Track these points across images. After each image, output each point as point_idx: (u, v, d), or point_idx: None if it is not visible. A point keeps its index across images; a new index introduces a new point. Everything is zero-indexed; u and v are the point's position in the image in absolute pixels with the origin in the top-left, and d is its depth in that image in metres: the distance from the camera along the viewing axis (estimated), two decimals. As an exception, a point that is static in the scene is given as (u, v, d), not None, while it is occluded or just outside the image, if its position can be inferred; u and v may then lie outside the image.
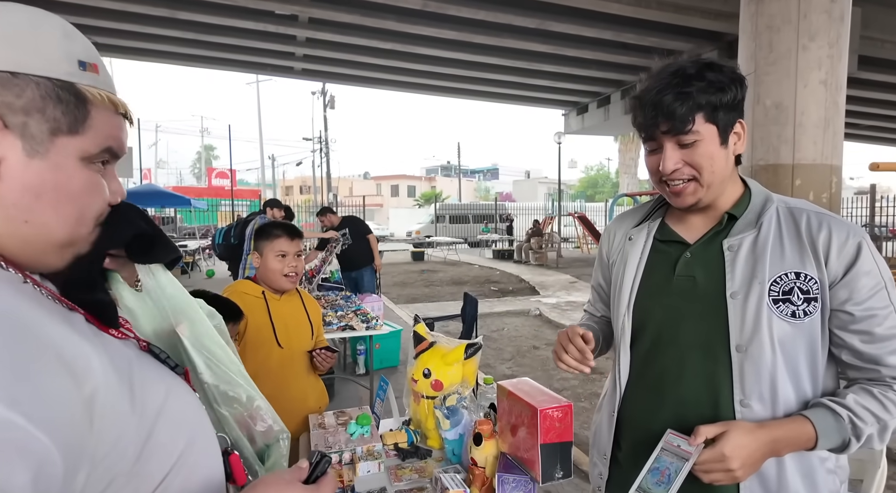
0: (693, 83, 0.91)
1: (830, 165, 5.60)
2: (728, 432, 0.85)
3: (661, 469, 0.88)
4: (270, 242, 1.86)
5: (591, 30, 8.85)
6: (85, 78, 0.52)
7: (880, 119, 14.58)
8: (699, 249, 1.02)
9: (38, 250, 0.52)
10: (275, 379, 1.79)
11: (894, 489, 2.78)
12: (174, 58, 11.30)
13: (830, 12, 5.40)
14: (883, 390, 0.90)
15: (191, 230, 18.15)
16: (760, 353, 0.92)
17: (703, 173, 0.95)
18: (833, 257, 0.91)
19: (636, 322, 1.06)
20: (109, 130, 0.55)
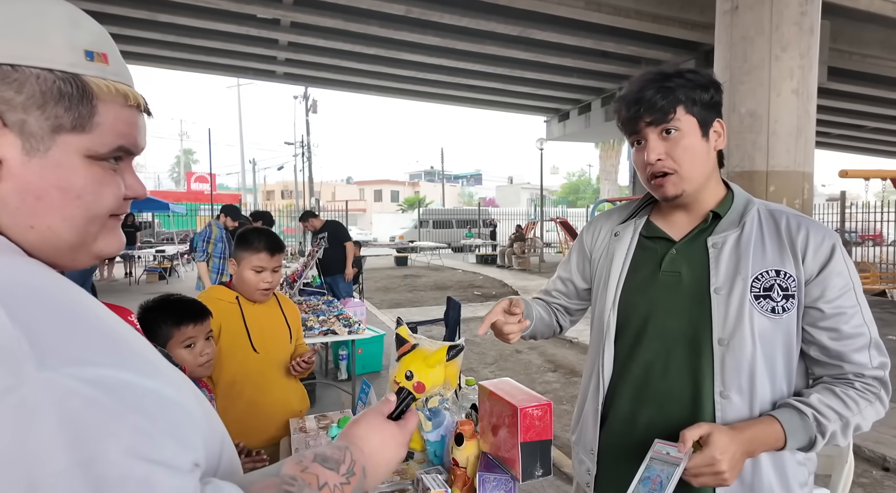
0: (673, 80, 0.98)
1: (803, 172, 5.78)
2: (712, 435, 0.87)
3: (651, 478, 0.89)
4: (249, 255, 1.78)
5: (572, 38, 8.99)
6: (91, 69, 0.48)
7: (850, 128, 15.09)
8: (684, 246, 1.05)
9: (49, 254, 0.49)
10: (254, 385, 1.77)
11: (864, 486, 2.87)
12: (153, 61, 11.14)
13: (801, 24, 5.58)
14: (844, 389, 0.94)
15: (169, 235, 17.82)
16: (741, 346, 0.96)
17: (683, 165, 0.98)
18: (809, 256, 0.96)
19: (621, 317, 1.08)
20: (120, 126, 0.50)
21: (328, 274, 5.89)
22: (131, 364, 0.44)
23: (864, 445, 3.15)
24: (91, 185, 0.49)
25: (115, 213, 0.53)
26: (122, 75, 0.51)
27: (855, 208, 12.28)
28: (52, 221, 0.48)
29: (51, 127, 0.46)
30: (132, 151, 0.53)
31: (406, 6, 7.93)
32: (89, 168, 0.49)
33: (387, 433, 0.66)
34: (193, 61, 11.03)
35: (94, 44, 0.49)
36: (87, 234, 0.51)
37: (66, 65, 0.46)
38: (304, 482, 0.53)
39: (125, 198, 0.53)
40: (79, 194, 0.48)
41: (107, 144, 0.49)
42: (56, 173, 0.47)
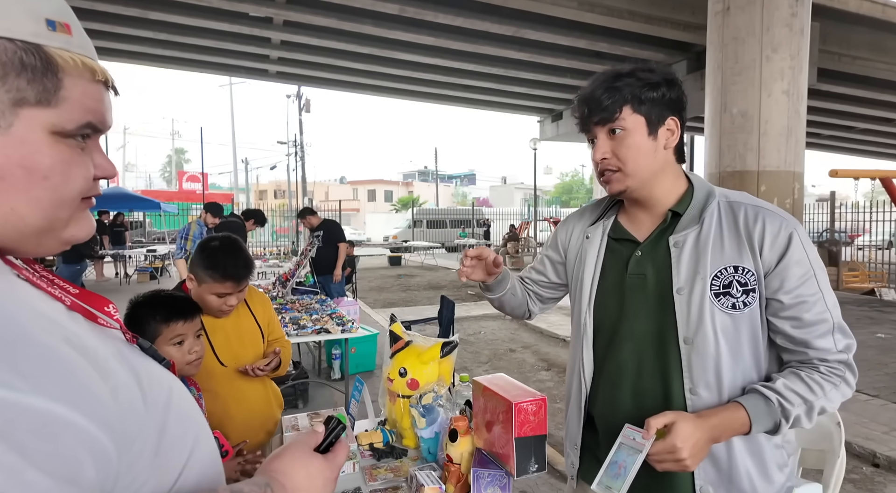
0: (622, 79, 0.99)
1: (793, 172, 5.83)
2: (676, 424, 0.89)
3: (618, 463, 0.92)
4: (212, 281, 1.57)
5: (566, 38, 9.03)
6: (55, 40, 0.44)
7: (839, 129, 15.25)
8: (648, 247, 1.07)
9: (12, 239, 0.45)
10: (225, 398, 1.62)
11: (854, 482, 2.89)
12: (145, 59, 11.05)
13: (791, 26, 5.63)
14: (809, 373, 0.96)
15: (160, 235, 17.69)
16: (705, 344, 0.98)
17: (627, 164, 1.01)
18: (766, 248, 0.97)
19: (596, 319, 1.12)
20: (88, 101, 0.46)
21: (320, 273, 5.85)
22: (17, 379, 0.37)
23: (854, 441, 3.18)
24: (59, 164, 0.45)
25: (86, 195, 0.50)
26: (86, 48, 0.48)
27: (844, 208, 12.41)
28: (16, 203, 0.44)
29: (12, 100, 0.42)
30: (100, 128, 0.49)
31: (400, 5, 7.92)
32: (56, 146, 0.45)
33: (313, 468, 0.59)
34: (185, 60, 10.96)
35: (56, 13, 0.45)
36: (55, 219, 0.47)
37: (27, 34, 0.42)
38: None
39: (95, 178, 0.50)
40: (46, 175, 0.44)
41: (74, 120, 0.45)
42: (19, 151, 0.43)
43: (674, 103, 1.01)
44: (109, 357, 0.46)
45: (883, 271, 10.40)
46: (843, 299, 8.48)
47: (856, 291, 9.53)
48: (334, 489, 0.63)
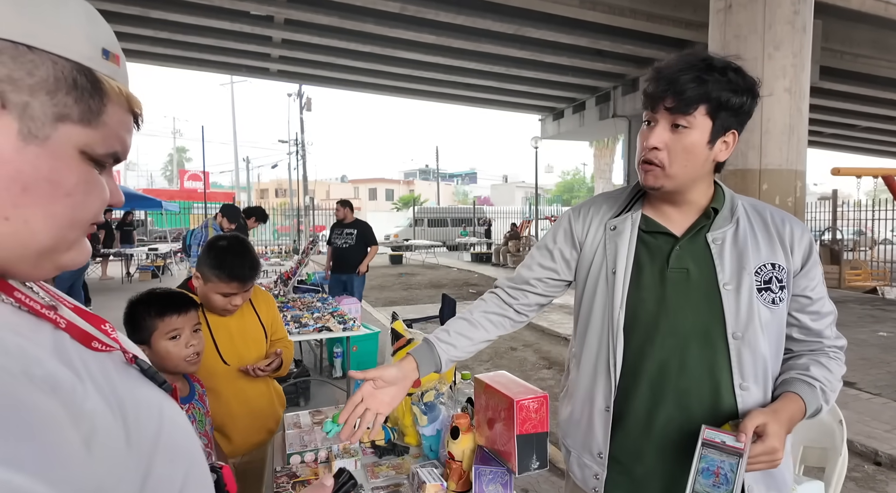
0: (712, 74, 0.92)
1: (795, 170, 5.82)
2: (769, 424, 0.91)
3: (712, 469, 0.87)
4: (218, 281, 1.58)
5: (567, 37, 9.01)
6: (105, 67, 0.46)
7: (841, 127, 15.21)
8: (687, 242, 1.05)
9: (13, 258, 0.44)
10: (227, 397, 1.63)
11: (856, 480, 2.89)
12: (146, 57, 11.05)
13: (794, 23, 5.61)
14: (826, 359, 1.05)
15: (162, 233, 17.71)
16: (755, 339, 1.00)
17: (673, 165, 0.97)
18: (796, 250, 1.04)
19: (628, 315, 1.05)
20: (121, 130, 0.48)
21: (345, 271, 5.71)
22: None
23: (856, 439, 3.17)
24: (83, 184, 0.45)
25: (94, 222, 0.49)
26: (126, 81, 0.49)
27: (846, 207, 12.38)
28: (32, 216, 0.43)
29: (56, 115, 0.43)
30: (121, 158, 0.49)
31: (401, 4, 7.91)
32: (82, 166, 0.45)
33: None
34: (186, 58, 10.96)
35: (110, 44, 0.47)
36: (63, 239, 0.46)
37: (83, 57, 0.44)
38: None
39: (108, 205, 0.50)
40: (69, 192, 0.44)
41: (106, 146, 0.46)
42: (50, 164, 0.43)
43: (743, 117, 0.97)
44: (91, 393, 0.42)
45: (885, 270, 10.38)
46: (845, 297, 8.51)
47: (858, 289, 9.51)
48: None
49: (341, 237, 5.69)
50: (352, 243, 5.68)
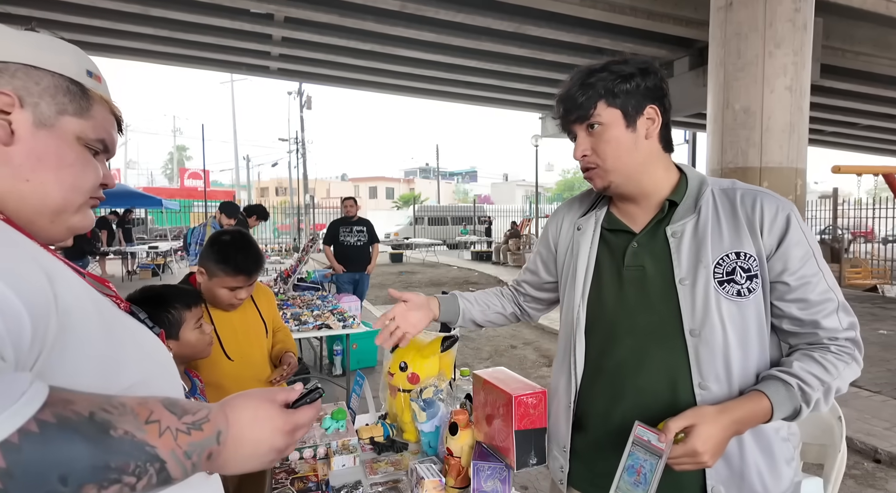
0: (595, 75, 0.99)
1: (796, 168, 5.81)
2: (697, 426, 0.86)
3: (635, 468, 0.88)
4: (224, 275, 1.60)
5: (567, 35, 8.98)
6: (89, 82, 0.67)
7: (842, 126, 15.17)
8: (645, 238, 1.04)
9: (33, 209, 0.62)
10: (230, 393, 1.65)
11: (856, 477, 2.89)
12: (146, 55, 11.03)
13: (794, 21, 5.60)
14: (823, 354, 0.95)
15: (162, 232, 17.71)
16: (713, 335, 0.95)
17: (606, 160, 1.00)
18: (766, 231, 0.96)
19: (590, 314, 1.07)
20: (105, 125, 0.68)
21: (357, 270, 5.66)
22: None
23: (855, 437, 3.18)
24: (80, 159, 0.65)
25: (94, 195, 0.68)
26: (108, 95, 0.70)
27: (847, 205, 12.36)
28: (46, 178, 0.62)
29: (57, 109, 0.63)
30: (108, 148, 0.69)
31: (401, 2, 7.89)
32: (79, 148, 0.65)
33: (262, 412, 0.61)
34: (186, 56, 10.94)
35: (92, 68, 0.68)
36: (70, 201, 0.64)
37: (73, 74, 0.65)
38: (131, 412, 0.50)
39: (104, 185, 0.69)
40: (70, 164, 0.64)
41: (95, 134, 0.66)
42: (56, 143, 0.63)
43: (651, 92, 0.99)
44: (70, 279, 0.57)
45: (885, 268, 10.37)
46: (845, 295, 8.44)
47: (858, 287, 9.51)
48: (286, 443, 0.62)
49: (352, 235, 5.63)
50: (365, 241, 5.64)
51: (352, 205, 5.72)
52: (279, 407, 0.63)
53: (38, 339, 0.50)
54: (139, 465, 0.48)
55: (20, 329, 0.48)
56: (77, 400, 0.47)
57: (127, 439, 0.48)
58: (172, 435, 0.51)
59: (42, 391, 0.45)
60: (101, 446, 0.46)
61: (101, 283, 0.70)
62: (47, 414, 0.44)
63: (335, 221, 5.85)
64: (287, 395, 0.65)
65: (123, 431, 0.48)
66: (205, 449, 0.54)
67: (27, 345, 0.48)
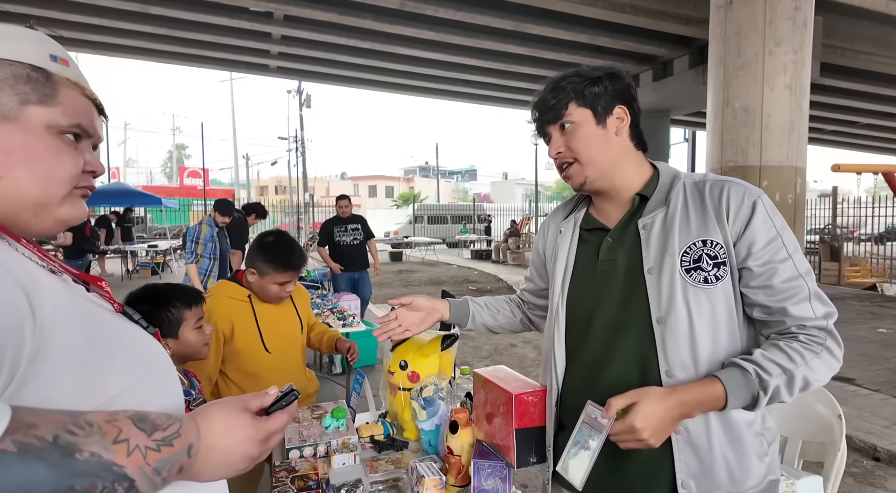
0: (566, 80, 1.05)
1: (795, 166, 5.81)
2: (638, 403, 0.87)
3: (580, 443, 0.91)
4: (274, 273, 1.75)
5: (567, 33, 8.98)
6: (54, 67, 0.62)
7: (842, 124, 15.18)
8: (618, 232, 1.07)
9: (11, 205, 0.59)
10: (265, 383, 1.70)
11: (855, 475, 2.90)
12: (145, 54, 11.02)
13: (794, 20, 5.60)
14: (788, 342, 0.93)
15: (161, 230, 17.70)
16: (677, 322, 0.96)
17: (580, 154, 1.04)
18: (731, 217, 0.97)
19: (569, 312, 1.10)
20: (77, 109, 0.63)
21: (356, 269, 5.47)
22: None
23: (855, 435, 3.18)
24: (52, 150, 0.60)
25: (79, 185, 0.64)
26: (78, 77, 0.65)
27: (847, 204, 12.37)
28: (18, 174, 0.58)
29: (20, 100, 0.59)
30: (89, 132, 0.65)
31: (400, 0, 7.88)
32: (50, 137, 0.60)
33: (234, 421, 0.61)
34: (185, 55, 10.93)
35: (58, 52, 0.64)
36: (49, 193, 0.60)
37: (34, 61, 0.61)
38: (98, 431, 0.49)
39: (84, 171, 0.64)
40: (41, 155, 0.60)
41: (66, 120, 0.61)
42: (23, 136, 0.59)
43: (619, 94, 1.04)
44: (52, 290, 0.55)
45: (884, 266, 10.38)
46: (844, 294, 8.51)
47: (857, 286, 9.51)
48: (259, 451, 0.63)
49: (348, 234, 5.46)
50: (361, 239, 5.51)
51: (346, 205, 5.53)
52: (251, 415, 0.63)
53: (7, 365, 0.48)
54: (106, 485, 0.48)
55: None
56: (40, 423, 0.47)
57: (93, 460, 0.48)
58: (141, 453, 0.52)
59: (3, 417, 0.44)
60: (66, 470, 0.46)
61: (94, 282, 0.69)
62: (7, 443, 0.44)
63: (328, 221, 5.68)
64: (261, 400, 0.65)
65: (90, 452, 0.48)
66: (175, 464, 0.54)
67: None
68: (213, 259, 4.68)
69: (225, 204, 4.97)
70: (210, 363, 1.69)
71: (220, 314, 1.74)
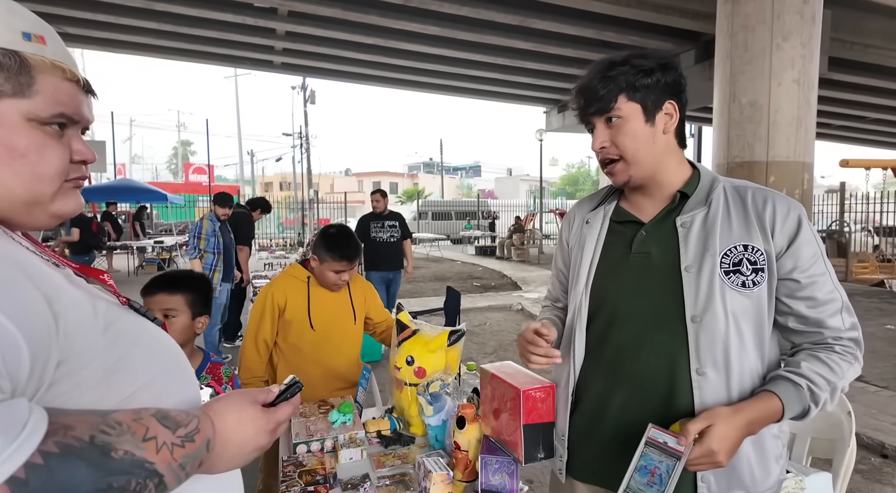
0: (616, 68, 1.00)
1: (803, 162, 5.75)
2: (713, 426, 0.87)
3: (649, 468, 0.88)
4: (332, 260, 1.92)
5: (572, 28, 8.92)
6: (29, 47, 0.55)
7: (850, 119, 15.03)
8: (653, 227, 1.06)
9: (4, 207, 0.56)
10: (306, 357, 1.94)
11: (863, 472, 2.88)
12: (149, 50, 11.03)
13: (803, 13, 5.53)
14: (828, 354, 0.96)
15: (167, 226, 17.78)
16: (714, 322, 0.97)
17: (627, 151, 1.01)
18: (777, 230, 0.98)
19: (593, 302, 1.09)
20: (60, 96, 0.57)
21: (390, 268, 5.18)
22: None
23: (862, 432, 3.16)
24: (34, 146, 0.55)
25: (70, 177, 0.60)
26: (60, 55, 0.58)
27: (854, 200, 12.27)
28: (2, 174, 0.54)
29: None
30: (75, 119, 0.59)
31: (405, -5, 7.85)
32: (31, 131, 0.55)
33: (245, 414, 0.63)
34: (190, 51, 10.93)
35: (32, 28, 0.56)
36: (39, 192, 0.57)
37: (4, 43, 0.53)
38: (128, 430, 0.50)
39: (74, 161, 0.60)
40: (23, 153, 0.55)
41: (48, 110, 0.56)
42: (0, 132, 0.53)
43: (670, 87, 1.01)
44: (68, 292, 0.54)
45: (893, 263, 10.29)
46: (852, 290, 8.46)
47: (865, 282, 9.44)
48: (268, 441, 0.65)
49: (384, 231, 5.12)
50: (398, 237, 5.16)
51: (379, 199, 5.22)
52: (260, 407, 0.65)
53: (37, 374, 0.48)
54: (140, 482, 0.50)
55: (18, 361, 0.47)
56: (76, 424, 0.48)
57: (127, 458, 0.49)
58: (168, 450, 0.53)
59: (42, 421, 0.45)
60: (104, 468, 0.47)
61: (95, 276, 0.67)
62: (50, 445, 0.44)
63: (364, 216, 5.36)
64: (266, 395, 0.67)
65: (124, 451, 0.49)
66: (196, 458, 0.56)
67: (25, 377, 0.47)
68: (216, 254, 4.70)
69: (223, 196, 4.99)
70: (266, 329, 1.92)
71: (278, 287, 1.97)
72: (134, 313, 0.66)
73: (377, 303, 2.19)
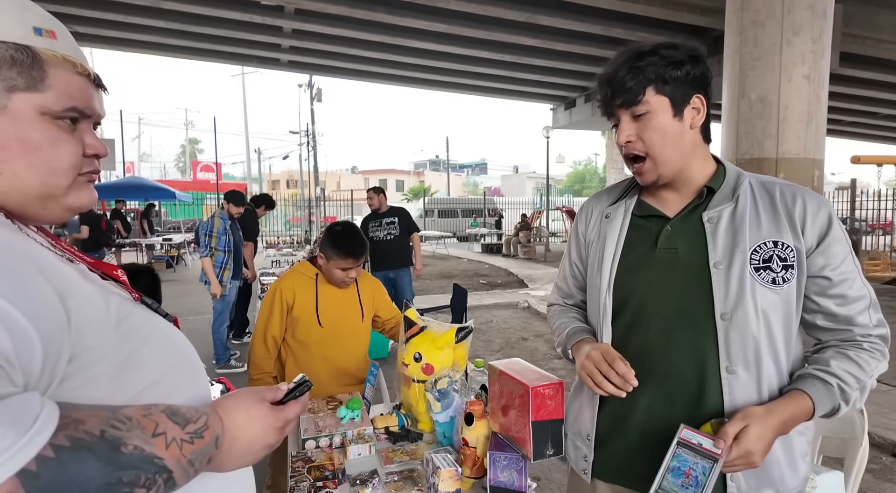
0: (645, 59, 0.95)
1: (813, 159, 5.69)
2: (749, 427, 0.87)
3: (683, 470, 0.86)
4: (338, 258, 1.92)
5: (579, 24, 8.87)
6: (41, 42, 0.56)
7: (862, 115, 14.86)
8: (679, 222, 1.03)
9: (19, 201, 0.56)
10: (314, 353, 1.95)
11: (874, 472, 2.86)
12: (157, 48, 11.10)
13: (814, 8, 5.47)
14: (857, 352, 0.95)
15: (175, 224, 17.90)
16: (745, 319, 0.95)
17: (654, 147, 0.98)
18: (808, 227, 0.96)
19: (617, 299, 1.06)
20: (72, 90, 0.58)
21: (392, 267, 4.98)
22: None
23: (874, 431, 3.13)
24: (48, 139, 0.56)
25: (84, 171, 0.60)
26: (69, 49, 0.59)
27: (865, 197, 12.13)
28: (17, 168, 0.55)
29: (6, 87, 0.54)
30: (87, 113, 0.60)
31: (411, -9, 7.84)
32: (45, 125, 0.56)
33: (254, 412, 0.63)
34: (198, 49, 10.98)
35: (42, 23, 0.57)
36: (53, 185, 0.57)
37: (17, 38, 0.54)
38: (138, 425, 0.51)
39: (86, 155, 0.60)
40: (37, 146, 0.55)
41: (60, 104, 0.56)
42: (14, 126, 0.54)
43: (699, 81, 0.98)
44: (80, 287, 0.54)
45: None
46: (862, 288, 8.30)
47: (877, 280, 9.34)
48: (277, 439, 0.65)
49: (381, 229, 4.98)
50: (396, 234, 5.00)
51: (372, 196, 5.11)
52: (269, 405, 0.65)
53: (49, 369, 0.49)
54: (149, 477, 0.50)
55: (31, 355, 0.47)
56: (87, 418, 0.48)
57: (137, 453, 0.49)
58: (178, 446, 0.53)
59: (54, 414, 0.45)
60: (114, 463, 0.48)
61: (109, 271, 0.68)
62: (61, 438, 0.45)
63: (366, 217, 5.23)
64: (274, 393, 0.67)
65: (133, 446, 0.49)
66: (205, 455, 0.56)
67: (37, 372, 0.48)
68: (227, 252, 4.72)
69: (237, 195, 4.98)
70: (274, 325, 1.94)
71: (287, 284, 1.98)
72: (146, 309, 0.66)
73: (385, 300, 2.18)
